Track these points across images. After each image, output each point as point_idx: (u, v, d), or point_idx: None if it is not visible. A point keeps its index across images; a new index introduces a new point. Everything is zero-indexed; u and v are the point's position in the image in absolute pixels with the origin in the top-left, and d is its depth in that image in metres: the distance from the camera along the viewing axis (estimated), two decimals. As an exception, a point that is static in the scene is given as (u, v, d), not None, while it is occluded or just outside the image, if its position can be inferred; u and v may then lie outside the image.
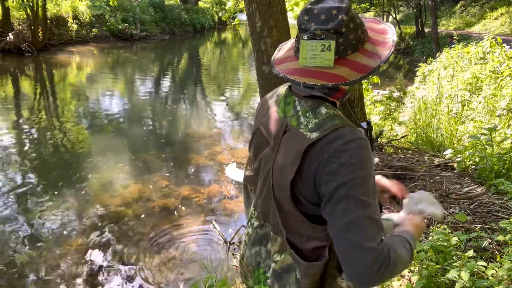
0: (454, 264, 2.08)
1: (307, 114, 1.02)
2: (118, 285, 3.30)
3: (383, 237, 0.94)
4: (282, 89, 1.18)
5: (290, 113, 1.06)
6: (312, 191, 0.99)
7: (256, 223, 1.19)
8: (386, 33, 1.08)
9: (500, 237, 2.29)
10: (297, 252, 1.07)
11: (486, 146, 3.63)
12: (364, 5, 24.07)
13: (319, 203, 0.99)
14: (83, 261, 3.55)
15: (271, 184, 1.08)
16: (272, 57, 1.18)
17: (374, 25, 1.10)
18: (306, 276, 1.05)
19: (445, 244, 2.21)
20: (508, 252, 2.22)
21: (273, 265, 1.12)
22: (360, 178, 0.93)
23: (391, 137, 5.22)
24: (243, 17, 3.93)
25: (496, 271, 2.02)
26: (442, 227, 2.53)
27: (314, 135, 0.97)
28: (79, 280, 3.32)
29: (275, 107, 1.14)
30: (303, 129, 1.00)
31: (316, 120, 0.99)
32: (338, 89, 1.05)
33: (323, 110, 1.01)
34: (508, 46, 7.50)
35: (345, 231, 0.92)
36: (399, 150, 4.44)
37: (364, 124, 1.26)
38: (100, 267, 3.50)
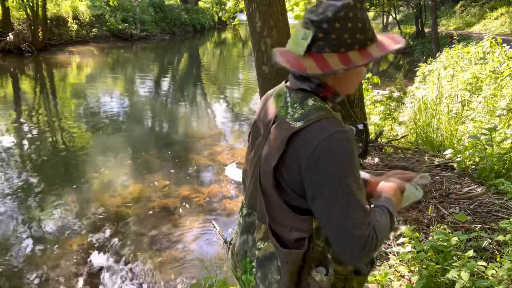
0: (454, 264, 2.08)
1: (295, 105, 1.05)
2: (118, 285, 3.30)
3: (370, 221, 0.99)
4: (282, 84, 1.21)
5: (281, 104, 1.10)
6: (297, 178, 1.02)
7: (245, 212, 1.23)
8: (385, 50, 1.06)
9: (500, 237, 2.29)
10: (279, 241, 1.09)
11: (486, 146, 3.63)
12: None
13: (304, 195, 1.02)
14: (83, 261, 3.55)
15: (258, 172, 1.12)
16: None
17: (387, 42, 1.09)
18: (285, 263, 1.07)
19: (445, 244, 2.21)
20: (508, 252, 2.22)
21: (256, 252, 1.15)
22: (343, 168, 0.96)
23: (391, 137, 5.22)
24: (243, 17, 3.93)
25: (496, 271, 2.02)
26: (442, 227, 2.53)
27: (298, 124, 1.01)
28: (79, 280, 3.32)
29: (271, 100, 1.18)
30: (289, 118, 1.04)
31: (302, 110, 1.03)
32: (326, 88, 1.07)
33: (310, 102, 1.04)
34: (508, 46, 7.49)
35: (334, 221, 0.97)
36: (399, 150, 4.44)
37: (360, 126, 1.28)
38: (100, 267, 3.50)
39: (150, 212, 4.39)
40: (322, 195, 0.97)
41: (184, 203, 4.62)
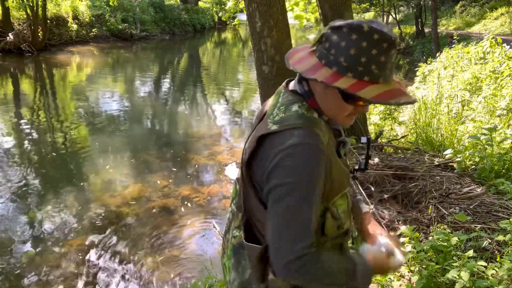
0: (454, 264, 2.08)
1: (281, 107, 1.05)
2: (118, 285, 3.30)
3: (310, 243, 0.95)
4: (284, 82, 1.22)
5: (273, 103, 1.10)
6: (263, 178, 1.03)
7: (233, 201, 1.27)
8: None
9: (500, 237, 2.29)
10: (252, 233, 1.12)
11: (486, 146, 3.63)
12: (364, 5, 24.07)
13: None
14: (83, 261, 3.55)
15: (240, 164, 1.15)
16: None
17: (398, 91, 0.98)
18: (249, 256, 1.10)
19: (445, 244, 2.21)
20: (508, 252, 2.22)
21: (232, 240, 1.18)
22: (296, 180, 0.95)
23: (391, 137, 5.22)
24: (243, 17, 3.93)
25: (496, 271, 2.02)
26: (442, 227, 2.53)
27: (274, 127, 1.01)
28: (79, 280, 3.32)
29: (272, 96, 1.21)
30: (270, 119, 1.04)
31: (283, 115, 1.03)
32: (313, 97, 1.05)
33: (294, 108, 1.03)
34: (508, 46, 7.49)
35: (274, 227, 0.97)
36: (399, 150, 4.44)
37: (363, 139, 1.29)
38: (100, 267, 3.50)
39: (150, 212, 4.39)
40: (272, 199, 0.98)
41: (184, 203, 4.62)
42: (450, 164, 3.81)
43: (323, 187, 1.00)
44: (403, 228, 2.51)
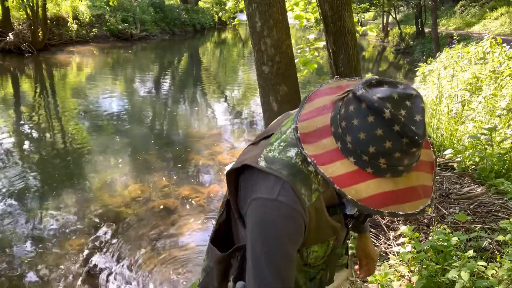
0: (454, 264, 2.08)
1: (281, 144, 0.93)
2: (118, 285, 3.30)
3: None
4: None
5: (282, 129, 0.99)
6: (244, 206, 0.96)
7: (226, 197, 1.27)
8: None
9: (500, 237, 2.29)
10: (229, 237, 1.12)
11: (486, 146, 3.63)
12: (364, 5, 24.07)
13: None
14: (83, 261, 3.55)
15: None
16: None
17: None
18: (212, 256, 1.11)
19: (445, 244, 2.21)
20: (508, 252, 2.22)
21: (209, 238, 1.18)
22: (258, 237, 0.88)
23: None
24: (243, 17, 3.92)
25: (496, 271, 2.02)
26: (442, 227, 2.53)
27: (261, 164, 0.91)
28: (79, 280, 3.32)
29: (288, 116, 1.14)
30: (266, 151, 0.94)
31: (277, 155, 0.91)
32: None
33: (291, 153, 0.91)
34: (508, 46, 7.49)
35: (247, 272, 0.92)
36: (399, 150, 4.43)
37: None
38: (100, 267, 3.49)
39: (150, 212, 4.39)
40: (247, 240, 0.92)
41: (184, 203, 4.62)
42: (450, 164, 3.81)
43: (295, 244, 0.90)
44: (403, 228, 2.51)
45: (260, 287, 0.87)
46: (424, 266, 2.22)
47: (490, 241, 2.42)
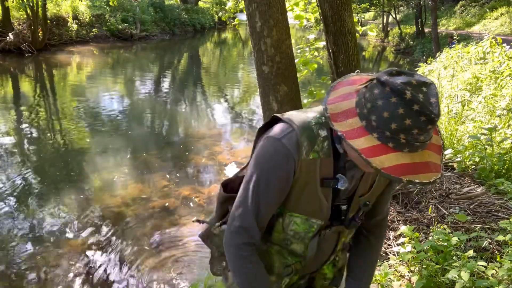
0: (454, 264, 2.08)
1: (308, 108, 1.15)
2: (118, 285, 3.30)
3: (244, 226, 1.08)
4: None
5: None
6: None
7: None
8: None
9: (500, 237, 2.29)
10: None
11: (486, 146, 3.63)
12: (364, 5, 24.07)
13: None
14: (83, 261, 3.55)
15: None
16: None
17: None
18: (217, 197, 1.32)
19: (445, 244, 2.21)
20: (508, 252, 2.22)
21: None
22: (258, 168, 1.06)
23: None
24: (243, 17, 3.92)
25: (496, 271, 2.02)
26: (442, 227, 2.53)
27: (285, 116, 1.11)
28: (79, 280, 3.32)
29: None
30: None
31: (298, 116, 1.10)
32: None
33: (311, 114, 1.08)
34: (508, 46, 7.49)
35: (236, 201, 1.12)
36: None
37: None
38: (100, 267, 3.49)
39: (150, 212, 4.39)
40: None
41: (184, 203, 4.62)
42: (450, 164, 3.81)
43: (280, 184, 1.06)
44: (403, 228, 2.51)
45: (241, 204, 1.09)
46: (424, 266, 2.22)
47: (490, 241, 2.42)
